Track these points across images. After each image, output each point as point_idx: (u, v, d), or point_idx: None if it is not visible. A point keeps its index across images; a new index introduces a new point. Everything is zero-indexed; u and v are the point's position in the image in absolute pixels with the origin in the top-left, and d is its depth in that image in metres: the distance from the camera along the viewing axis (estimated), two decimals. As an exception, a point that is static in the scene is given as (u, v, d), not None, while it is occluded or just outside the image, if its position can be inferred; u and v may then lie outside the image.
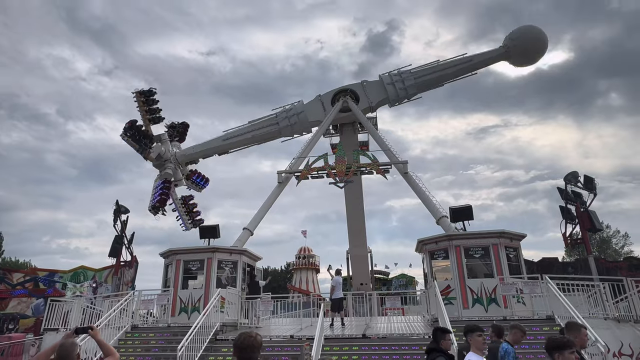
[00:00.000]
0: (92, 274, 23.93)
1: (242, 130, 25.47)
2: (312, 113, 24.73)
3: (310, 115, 24.69)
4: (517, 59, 24.38)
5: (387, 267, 42.68)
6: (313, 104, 25.10)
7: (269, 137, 25.94)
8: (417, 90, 24.71)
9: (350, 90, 24.74)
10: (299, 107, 25.01)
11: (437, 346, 4.91)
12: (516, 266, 13.63)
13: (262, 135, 25.49)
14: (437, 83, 25.24)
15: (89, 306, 15.33)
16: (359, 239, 25.56)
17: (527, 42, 23.53)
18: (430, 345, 5.14)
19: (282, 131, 25.22)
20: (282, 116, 25.03)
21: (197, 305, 14.14)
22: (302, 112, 24.72)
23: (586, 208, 18.09)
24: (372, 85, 24.94)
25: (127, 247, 23.24)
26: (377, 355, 10.76)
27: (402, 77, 24.35)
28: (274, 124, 25.12)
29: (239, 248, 16.19)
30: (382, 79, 24.79)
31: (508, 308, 12.48)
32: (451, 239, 13.90)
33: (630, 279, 12.03)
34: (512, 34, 23.90)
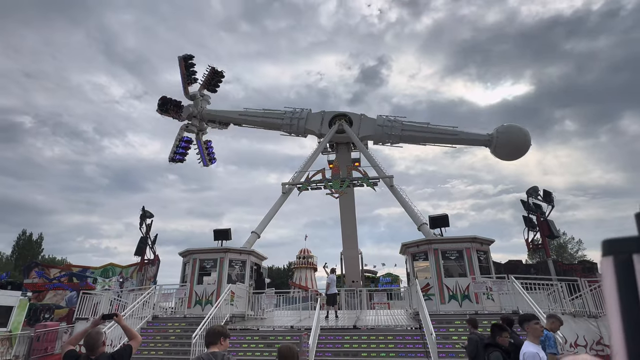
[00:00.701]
0: (119, 270, 23.75)
1: (256, 113, 26.53)
2: (311, 123, 25.06)
3: (308, 124, 25.03)
4: (497, 150, 22.58)
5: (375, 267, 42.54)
6: (314, 116, 25.34)
7: (272, 127, 26.50)
8: (400, 141, 23.93)
9: (347, 115, 24.98)
10: (302, 114, 25.37)
11: (494, 341, 4.67)
12: (486, 267, 13.65)
13: (268, 123, 26.31)
14: (419, 142, 24.34)
15: (115, 298, 15.22)
16: (351, 242, 25.53)
17: (510, 138, 21.91)
18: (487, 341, 4.90)
19: (283, 127, 25.67)
20: (288, 115, 25.54)
21: (210, 299, 14.07)
22: (303, 118, 25.13)
23: (545, 218, 18.14)
24: (367, 121, 24.59)
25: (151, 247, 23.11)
26: (366, 343, 10.71)
27: (392, 125, 23.63)
28: (279, 118, 25.70)
29: (248, 249, 16.18)
30: (377, 119, 24.30)
31: (479, 303, 12.48)
32: (430, 243, 13.94)
33: (583, 280, 12.06)
34: (500, 128, 22.38)
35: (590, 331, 10.51)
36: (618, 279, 0.30)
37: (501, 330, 4.83)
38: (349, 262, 25.65)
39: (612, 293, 0.30)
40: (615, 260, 0.31)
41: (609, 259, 0.31)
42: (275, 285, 38.21)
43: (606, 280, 0.31)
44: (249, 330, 12.08)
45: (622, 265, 0.30)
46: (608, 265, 0.31)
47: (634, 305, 0.28)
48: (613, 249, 0.31)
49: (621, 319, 0.28)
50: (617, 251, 0.31)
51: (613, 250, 0.31)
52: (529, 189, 18.93)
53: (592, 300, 11.45)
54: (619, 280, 0.30)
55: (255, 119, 26.45)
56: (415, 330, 11.16)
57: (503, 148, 22.39)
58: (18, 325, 15.18)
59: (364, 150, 22.82)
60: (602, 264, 0.32)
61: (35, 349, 14.00)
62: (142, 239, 22.64)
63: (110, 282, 23.22)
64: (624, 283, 0.29)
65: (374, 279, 37.81)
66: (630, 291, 0.29)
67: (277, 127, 26.20)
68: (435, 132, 23.39)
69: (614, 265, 0.31)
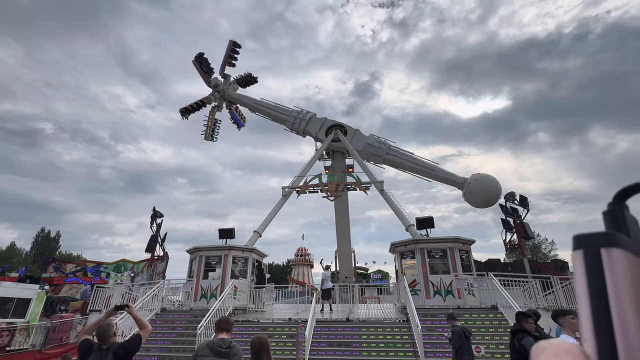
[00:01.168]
0: (131, 266, 23.42)
1: (269, 105, 27.00)
2: (311, 126, 25.13)
3: (308, 126, 25.09)
4: (468, 195, 20.94)
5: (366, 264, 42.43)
6: (315, 121, 25.38)
7: (278, 120, 26.80)
8: (382, 162, 23.15)
9: (343, 125, 25.01)
10: (306, 116, 25.43)
11: (521, 327, 4.56)
12: (467, 265, 13.61)
13: (275, 116, 26.64)
14: (400, 168, 23.30)
15: (127, 292, 14.98)
16: (345, 242, 25.44)
17: (483, 187, 20.16)
18: (514, 327, 4.76)
19: (287, 123, 25.98)
20: (293, 114, 25.77)
21: (214, 293, 13.89)
22: (305, 121, 25.26)
23: (521, 220, 18.22)
24: (359, 136, 24.07)
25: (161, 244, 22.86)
26: (357, 335, 10.60)
27: (380, 146, 23.00)
28: (286, 115, 25.98)
29: (250, 247, 16.02)
30: (369, 137, 23.81)
31: (461, 299, 12.43)
32: (417, 243, 13.89)
33: (555, 277, 12.10)
34: (475, 175, 20.84)
35: (562, 324, 10.51)
36: (587, 271, 0.30)
37: (526, 316, 4.73)
38: (343, 259, 25.53)
39: (582, 283, 0.30)
40: (585, 254, 0.31)
41: (579, 253, 0.31)
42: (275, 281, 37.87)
43: (576, 272, 0.31)
44: (250, 322, 11.92)
45: (591, 258, 0.30)
46: (578, 258, 0.31)
47: (601, 294, 0.29)
48: (583, 243, 0.31)
49: (590, 307, 0.29)
50: (586, 245, 0.31)
51: (583, 244, 0.31)
52: (507, 194, 19.01)
53: (564, 296, 11.46)
54: (588, 272, 0.30)
55: (267, 110, 26.88)
56: (402, 322, 11.07)
57: (474, 195, 20.47)
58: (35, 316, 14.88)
59: (357, 157, 22.82)
60: (573, 257, 0.32)
61: (51, 338, 13.70)
62: (153, 237, 22.40)
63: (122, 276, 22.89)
64: (593, 274, 0.30)
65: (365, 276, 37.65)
66: (598, 281, 0.29)
67: (282, 122, 26.49)
68: (416, 162, 22.29)
69: (584, 258, 0.31)
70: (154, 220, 22.83)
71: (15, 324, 13.75)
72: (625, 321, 0.27)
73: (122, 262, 23.89)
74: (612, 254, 0.30)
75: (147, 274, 22.04)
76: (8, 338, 12.86)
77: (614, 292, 0.28)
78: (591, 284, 0.29)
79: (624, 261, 0.29)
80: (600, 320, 0.28)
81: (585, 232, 0.31)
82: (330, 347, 10.16)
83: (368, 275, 37.89)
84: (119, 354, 2.85)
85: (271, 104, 27.11)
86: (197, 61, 26.71)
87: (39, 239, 49.36)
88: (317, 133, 24.75)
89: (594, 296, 0.29)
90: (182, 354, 10.30)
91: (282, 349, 10.10)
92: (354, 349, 9.98)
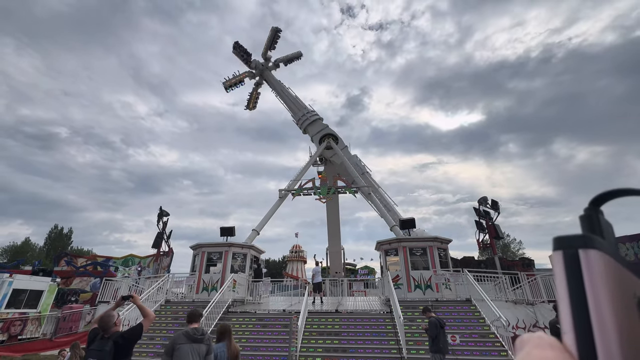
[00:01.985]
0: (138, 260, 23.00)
1: (291, 96, 27.06)
2: (311, 128, 25.48)
3: (310, 127, 25.43)
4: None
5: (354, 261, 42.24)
6: (317, 125, 25.56)
7: (292, 111, 27.04)
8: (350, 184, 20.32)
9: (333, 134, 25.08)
10: (311, 117, 25.61)
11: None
12: (445, 262, 13.68)
13: (291, 107, 26.95)
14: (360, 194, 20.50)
15: (134, 285, 14.70)
16: (335, 240, 25.40)
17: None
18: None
19: (295, 116, 26.44)
20: (304, 111, 26.01)
21: (215, 286, 13.71)
22: (309, 120, 25.52)
23: (493, 222, 18.38)
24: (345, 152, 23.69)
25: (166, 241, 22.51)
26: (346, 325, 10.56)
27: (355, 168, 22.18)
28: (298, 109, 26.35)
29: (248, 244, 15.88)
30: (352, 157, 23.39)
31: (439, 292, 12.48)
32: (400, 242, 13.93)
33: (523, 273, 12.22)
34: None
35: (528, 316, 10.61)
36: (566, 270, 0.30)
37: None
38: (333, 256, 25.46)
39: (562, 281, 0.30)
40: (564, 254, 0.31)
41: (559, 253, 0.31)
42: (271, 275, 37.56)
43: (556, 271, 0.31)
44: (248, 313, 11.78)
45: (570, 258, 0.30)
46: (558, 258, 0.31)
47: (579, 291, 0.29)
48: (562, 244, 0.31)
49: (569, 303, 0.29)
50: (565, 246, 0.31)
51: (562, 245, 0.31)
52: (480, 198, 19.19)
53: (530, 290, 11.59)
54: (567, 271, 0.30)
55: (287, 99, 27.19)
56: (386, 314, 11.07)
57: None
58: (47, 307, 14.51)
59: (348, 164, 22.90)
60: (553, 257, 0.31)
61: (61, 327, 13.36)
62: (159, 234, 22.04)
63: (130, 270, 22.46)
64: (571, 273, 0.30)
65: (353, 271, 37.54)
66: (576, 279, 0.29)
67: (293, 113, 26.78)
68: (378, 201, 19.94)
69: (563, 258, 0.31)
70: (161, 218, 22.49)
71: (27, 314, 13.37)
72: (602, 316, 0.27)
73: (129, 257, 23.44)
74: (589, 255, 0.30)
75: (153, 268, 21.67)
76: (20, 327, 12.49)
77: (591, 289, 0.28)
78: (570, 282, 0.29)
79: (600, 261, 0.29)
80: (578, 315, 0.28)
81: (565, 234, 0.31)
82: (320, 336, 10.09)
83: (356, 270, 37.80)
84: (119, 342, 2.84)
85: (293, 95, 27.51)
86: (235, 49, 27.72)
87: (52, 235, 48.16)
88: (314, 136, 25.03)
89: (573, 293, 0.29)
90: (184, 342, 10.11)
91: (277, 338, 10.00)
92: (342, 338, 9.93)
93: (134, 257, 23.39)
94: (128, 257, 23.36)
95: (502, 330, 9.05)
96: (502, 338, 9.01)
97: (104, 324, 2.91)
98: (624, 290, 0.29)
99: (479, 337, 9.34)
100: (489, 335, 9.34)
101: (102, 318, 2.96)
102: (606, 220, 0.35)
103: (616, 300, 0.28)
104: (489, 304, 9.79)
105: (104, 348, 2.76)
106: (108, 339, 2.84)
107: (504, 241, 37.98)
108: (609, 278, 0.29)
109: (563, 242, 0.31)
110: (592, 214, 0.35)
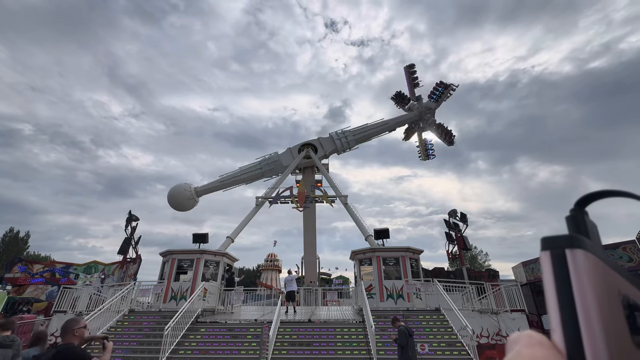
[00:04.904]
0: (102, 268, 21.51)
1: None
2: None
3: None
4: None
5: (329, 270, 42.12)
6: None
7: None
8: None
9: (311, 144, 25.30)
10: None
11: None
12: (417, 272, 13.94)
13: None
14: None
15: (95, 293, 13.71)
16: (311, 249, 25.19)
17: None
18: None
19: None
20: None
21: (185, 295, 13.08)
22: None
23: (461, 234, 19.04)
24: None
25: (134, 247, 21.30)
26: (318, 334, 10.42)
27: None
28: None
29: (222, 251, 15.40)
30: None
31: (410, 302, 12.65)
32: (374, 251, 14.07)
33: (488, 284, 12.69)
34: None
35: (492, 325, 11.00)
36: (554, 269, 0.30)
37: None
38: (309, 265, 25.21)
39: (549, 280, 0.31)
40: (551, 254, 0.31)
41: (546, 253, 0.32)
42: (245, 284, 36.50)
43: (544, 270, 0.31)
44: (218, 323, 11.33)
45: (557, 257, 0.31)
46: (546, 258, 0.32)
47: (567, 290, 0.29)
48: (549, 244, 0.32)
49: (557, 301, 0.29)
50: (552, 246, 0.31)
51: (549, 245, 0.32)
52: (450, 211, 19.85)
53: (495, 300, 12.04)
54: (554, 270, 0.30)
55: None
56: (359, 323, 11.06)
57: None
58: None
59: (325, 173, 23.06)
60: (541, 257, 0.32)
61: (8, 340, 12.11)
62: (126, 240, 20.86)
63: (92, 278, 20.94)
64: (559, 272, 0.30)
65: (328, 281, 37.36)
66: (563, 279, 0.30)
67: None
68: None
69: (550, 258, 0.31)
70: (129, 223, 21.33)
71: (-31, 325, 12.03)
72: (588, 313, 0.28)
73: (92, 263, 21.86)
74: (576, 254, 0.30)
75: (118, 276, 20.36)
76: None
77: (578, 287, 0.29)
78: (557, 281, 0.30)
79: (586, 260, 0.30)
80: (566, 313, 0.29)
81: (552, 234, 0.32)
82: (292, 346, 9.88)
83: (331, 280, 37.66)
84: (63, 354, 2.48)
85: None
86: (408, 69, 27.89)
87: (6, 239, 44.09)
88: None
89: (560, 291, 0.29)
90: (147, 354, 9.52)
91: (247, 349, 9.67)
92: (314, 348, 9.78)
93: (97, 264, 21.83)
94: (91, 264, 21.76)
95: (468, 339, 9.31)
96: (467, 347, 9.25)
97: (62, 327, 2.67)
98: (609, 288, 0.30)
99: (447, 346, 9.54)
100: (456, 344, 9.56)
101: (65, 320, 2.74)
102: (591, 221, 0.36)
103: (602, 298, 0.29)
104: (456, 313, 10.06)
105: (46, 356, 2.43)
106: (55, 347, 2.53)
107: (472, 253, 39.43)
108: (595, 277, 0.30)
109: (550, 242, 0.32)
110: (577, 214, 0.36)
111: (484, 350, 10.33)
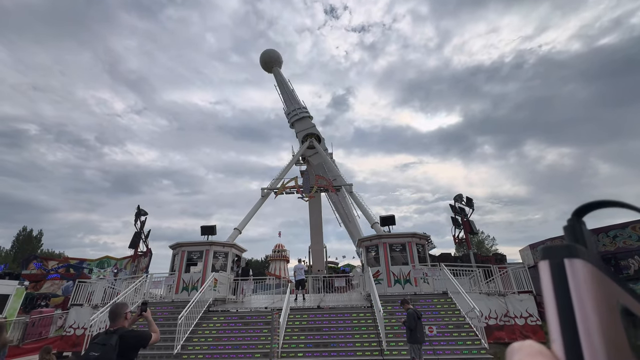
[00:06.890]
0: (114, 262, 22.03)
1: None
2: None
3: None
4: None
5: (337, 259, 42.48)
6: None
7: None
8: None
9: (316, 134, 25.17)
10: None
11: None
12: (423, 257, 13.98)
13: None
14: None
15: (109, 286, 14.08)
16: (318, 238, 25.49)
17: None
18: None
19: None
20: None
21: (196, 285, 13.38)
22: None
23: (467, 218, 18.99)
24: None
25: (144, 241, 21.70)
26: (327, 320, 10.62)
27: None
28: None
29: (230, 242, 15.63)
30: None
31: (417, 286, 12.76)
32: (380, 238, 14.13)
33: (495, 267, 12.73)
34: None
35: (500, 306, 11.09)
36: (553, 278, 0.31)
37: None
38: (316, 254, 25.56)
39: (548, 289, 0.31)
40: (551, 264, 0.32)
41: (545, 263, 0.32)
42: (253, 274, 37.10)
43: (543, 279, 0.32)
44: (229, 311, 11.60)
45: (556, 267, 0.31)
46: (545, 267, 0.32)
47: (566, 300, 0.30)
48: (549, 254, 0.32)
49: (556, 311, 0.30)
50: (551, 256, 0.32)
51: (549, 255, 0.32)
52: (456, 195, 19.75)
53: (502, 282, 12.09)
54: (553, 279, 0.31)
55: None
56: (367, 308, 11.23)
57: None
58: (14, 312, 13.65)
59: (329, 162, 23.02)
60: (541, 266, 0.33)
61: (29, 333, 12.61)
62: (136, 234, 21.25)
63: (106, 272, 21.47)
64: (558, 281, 0.31)
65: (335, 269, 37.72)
66: (562, 287, 0.30)
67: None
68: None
69: (550, 267, 0.32)
70: (138, 217, 21.68)
71: (-9, 320, 12.50)
72: (588, 323, 0.28)
73: (105, 259, 22.41)
74: (574, 264, 0.31)
75: (130, 270, 20.84)
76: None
77: (577, 297, 0.29)
78: (557, 291, 0.31)
79: (584, 270, 0.31)
80: (565, 322, 0.29)
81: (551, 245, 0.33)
82: (302, 331, 10.10)
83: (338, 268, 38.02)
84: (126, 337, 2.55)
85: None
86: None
87: (20, 238, 45.24)
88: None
89: (560, 301, 0.30)
90: (162, 342, 9.81)
91: (259, 335, 9.91)
92: (324, 333, 9.99)
93: (109, 258, 22.37)
94: (103, 259, 22.31)
95: (476, 320, 9.41)
96: (475, 328, 9.36)
97: (112, 311, 2.71)
98: (608, 298, 0.31)
99: (455, 328, 9.67)
100: (463, 326, 9.68)
101: (114, 305, 2.79)
102: (588, 231, 0.36)
103: (601, 307, 0.29)
104: (464, 296, 10.13)
105: (109, 342, 2.47)
106: (113, 332, 2.57)
107: (479, 238, 39.37)
108: (593, 286, 0.30)
109: (549, 252, 0.33)
110: (575, 224, 0.36)
111: (492, 332, 10.44)
